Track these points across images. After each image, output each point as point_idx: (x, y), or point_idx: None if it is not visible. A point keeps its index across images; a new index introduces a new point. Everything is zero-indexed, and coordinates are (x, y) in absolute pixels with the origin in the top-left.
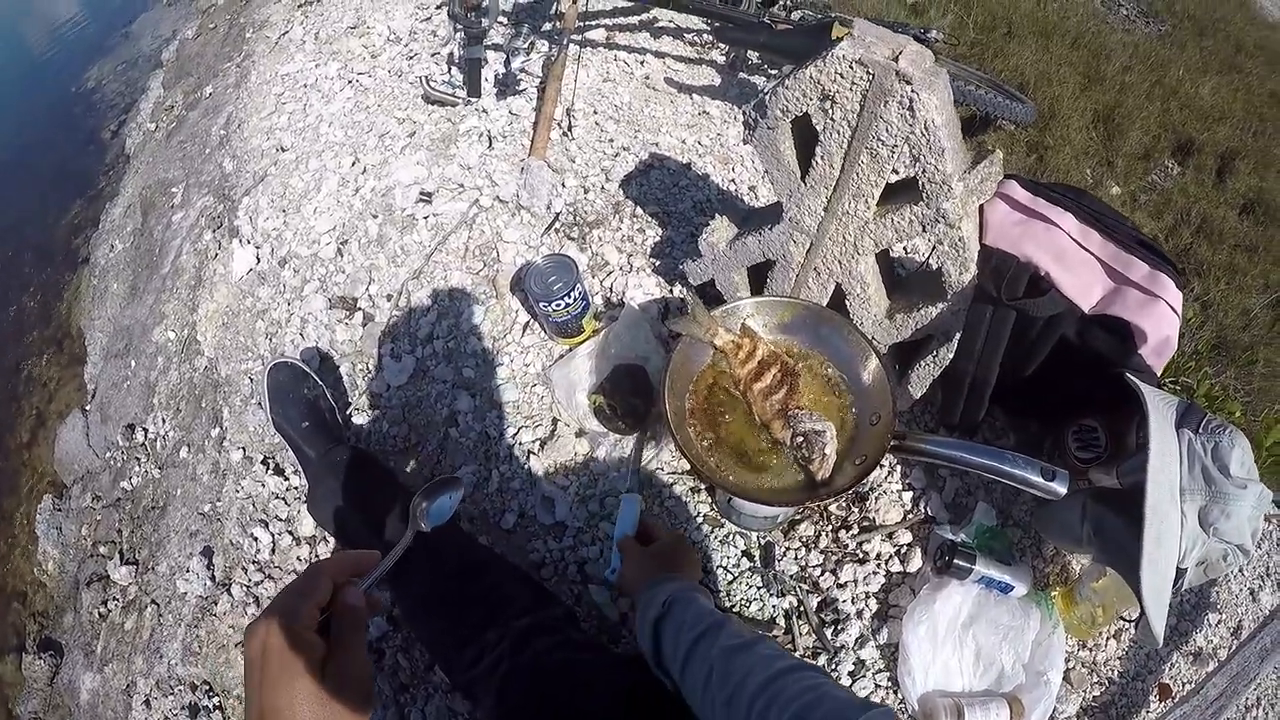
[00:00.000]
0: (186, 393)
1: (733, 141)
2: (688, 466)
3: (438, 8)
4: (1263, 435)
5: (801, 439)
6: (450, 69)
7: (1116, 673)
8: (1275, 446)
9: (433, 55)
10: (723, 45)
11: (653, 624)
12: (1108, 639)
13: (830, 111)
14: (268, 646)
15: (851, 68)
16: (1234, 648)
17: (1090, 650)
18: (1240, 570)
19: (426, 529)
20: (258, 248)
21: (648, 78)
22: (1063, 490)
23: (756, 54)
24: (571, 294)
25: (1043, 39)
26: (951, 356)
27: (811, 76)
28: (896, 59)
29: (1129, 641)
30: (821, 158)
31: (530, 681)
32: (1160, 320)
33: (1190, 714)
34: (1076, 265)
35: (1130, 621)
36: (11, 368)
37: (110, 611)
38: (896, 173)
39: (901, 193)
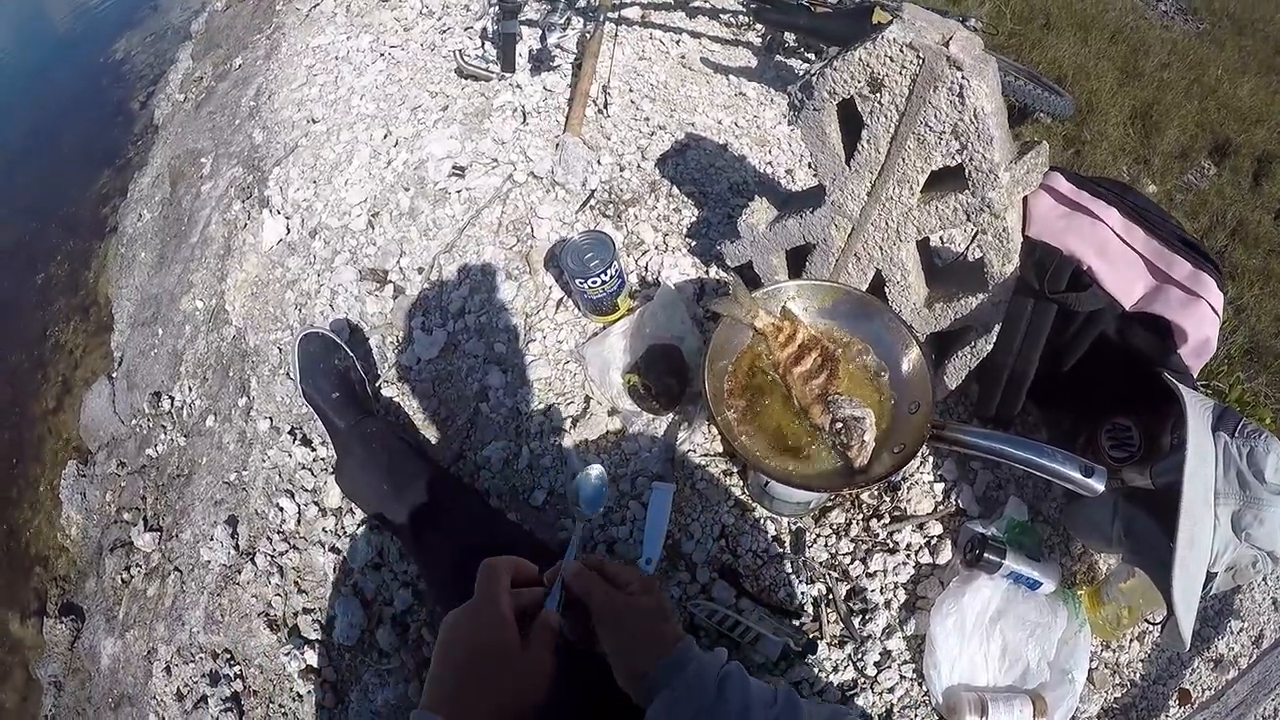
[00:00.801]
0: (214, 362)
1: (769, 123)
2: (720, 449)
3: None
4: None
5: (840, 425)
6: (484, 43)
7: (1139, 675)
8: None
9: (466, 29)
10: (759, 27)
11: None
12: (1131, 641)
13: (879, 95)
14: (476, 624)
15: (902, 51)
16: (1255, 656)
17: (1114, 651)
18: (1265, 579)
19: (587, 516)
20: (288, 218)
21: (683, 57)
22: (1100, 487)
23: (794, 36)
24: (608, 271)
25: (1081, 32)
26: (989, 348)
27: (861, 59)
28: (947, 44)
29: (1152, 644)
30: (868, 141)
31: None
32: (1201, 320)
33: None
34: (1119, 261)
35: (1155, 624)
36: (38, 335)
37: (133, 578)
38: (943, 159)
39: (946, 180)
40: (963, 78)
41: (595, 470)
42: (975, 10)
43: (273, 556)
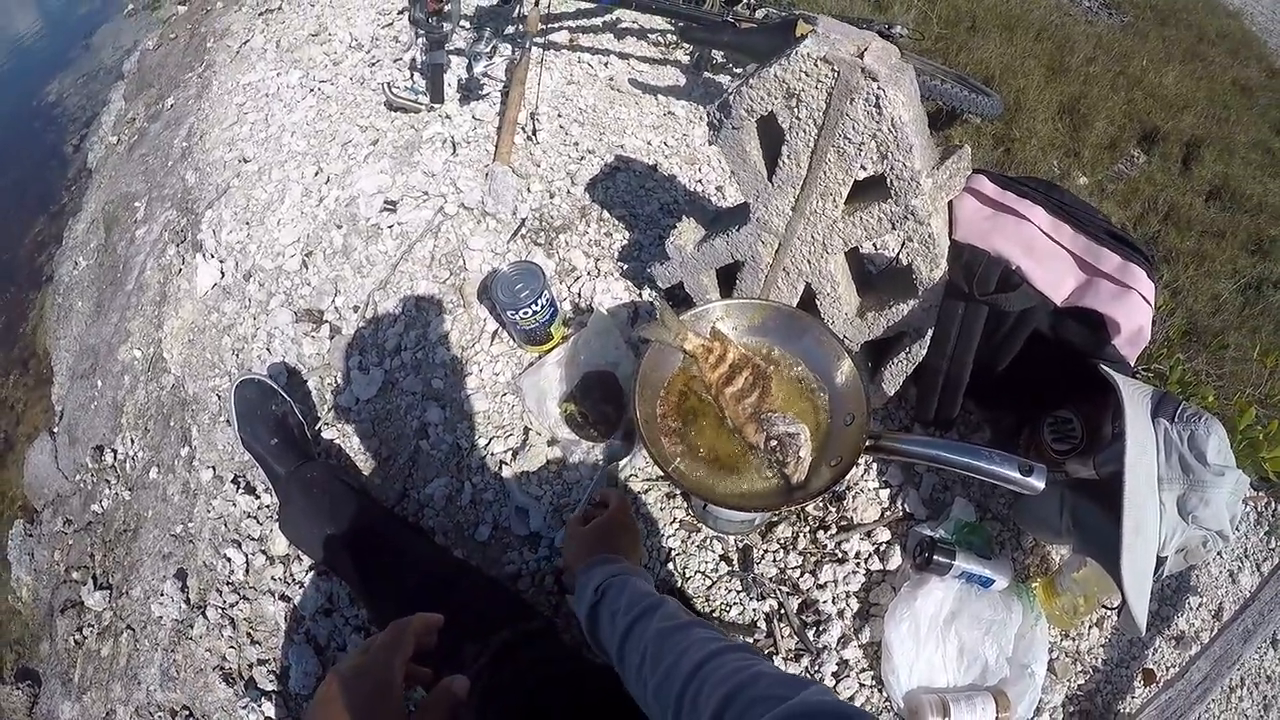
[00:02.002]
0: (154, 412)
1: (699, 141)
2: (661, 474)
3: (400, 13)
4: (1237, 419)
5: (775, 442)
6: (413, 75)
7: (1100, 660)
8: (1249, 430)
9: (395, 61)
10: (687, 45)
11: (589, 608)
12: (1090, 628)
13: (796, 110)
14: (353, 690)
15: (816, 65)
16: (1216, 630)
17: (1073, 640)
18: (1219, 554)
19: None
20: (221, 262)
21: (612, 79)
22: (1041, 485)
23: (721, 53)
24: (539, 301)
25: (1007, 32)
26: (924, 353)
27: (776, 75)
28: (862, 55)
29: (1111, 629)
30: (788, 157)
31: (511, 698)
32: (1133, 311)
33: (1175, 698)
34: (1047, 258)
35: (1112, 609)
36: None
37: (86, 638)
38: (864, 170)
39: (870, 190)
40: (879, 88)
41: None
42: (901, 16)
43: (223, 609)
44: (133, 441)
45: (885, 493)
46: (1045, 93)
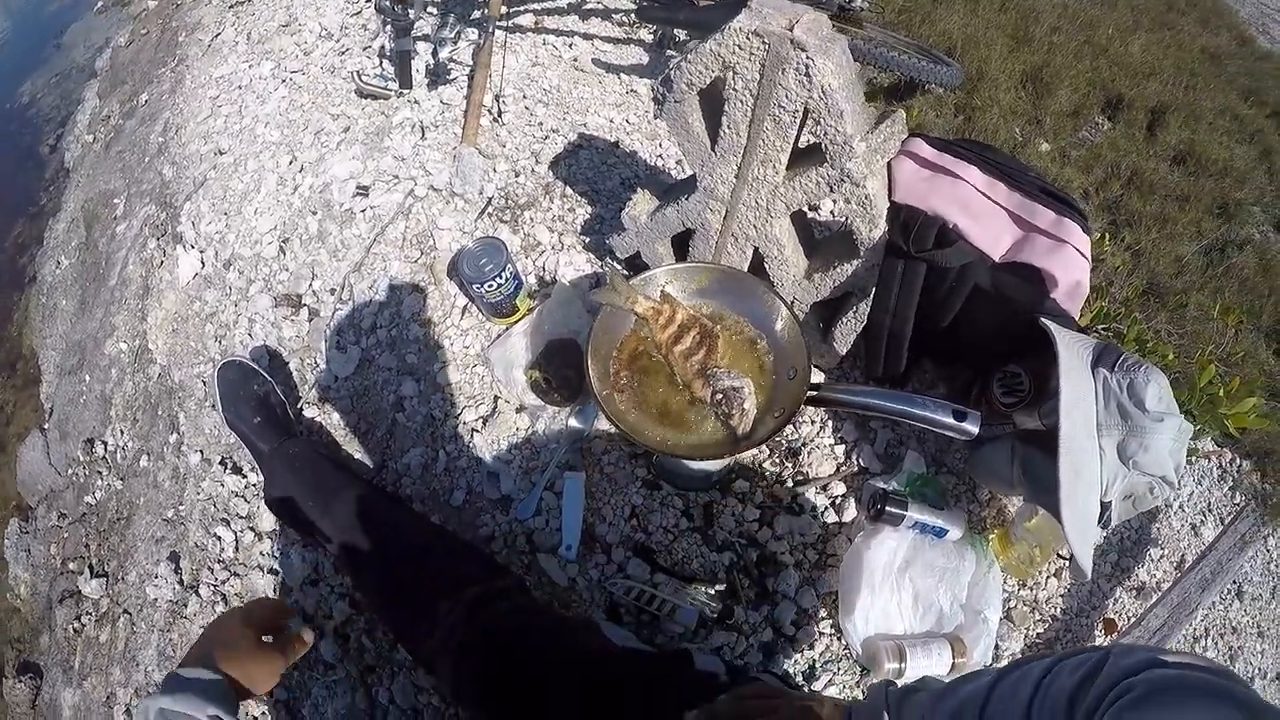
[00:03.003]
0: (142, 402)
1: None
2: (616, 430)
3: (367, 1)
4: (1198, 376)
5: (721, 395)
6: (381, 62)
7: (1059, 610)
8: (1209, 386)
9: (364, 49)
10: (648, 24)
11: None
12: (1048, 578)
13: (733, 82)
14: (232, 614)
15: (749, 39)
16: (1174, 580)
17: (1030, 589)
18: (1181, 506)
19: None
20: (202, 252)
21: (576, 60)
22: (974, 430)
23: (683, 31)
24: (503, 274)
25: (971, 3)
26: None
27: (711, 50)
28: (792, 28)
29: (1070, 580)
30: (728, 127)
31: (485, 647)
32: (1069, 264)
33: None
34: (983, 215)
35: (1067, 559)
36: None
37: (84, 626)
38: (803, 138)
39: (810, 156)
40: (807, 58)
41: None
42: None
43: (215, 586)
44: (122, 432)
45: (840, 448)
46: (1008, 62)
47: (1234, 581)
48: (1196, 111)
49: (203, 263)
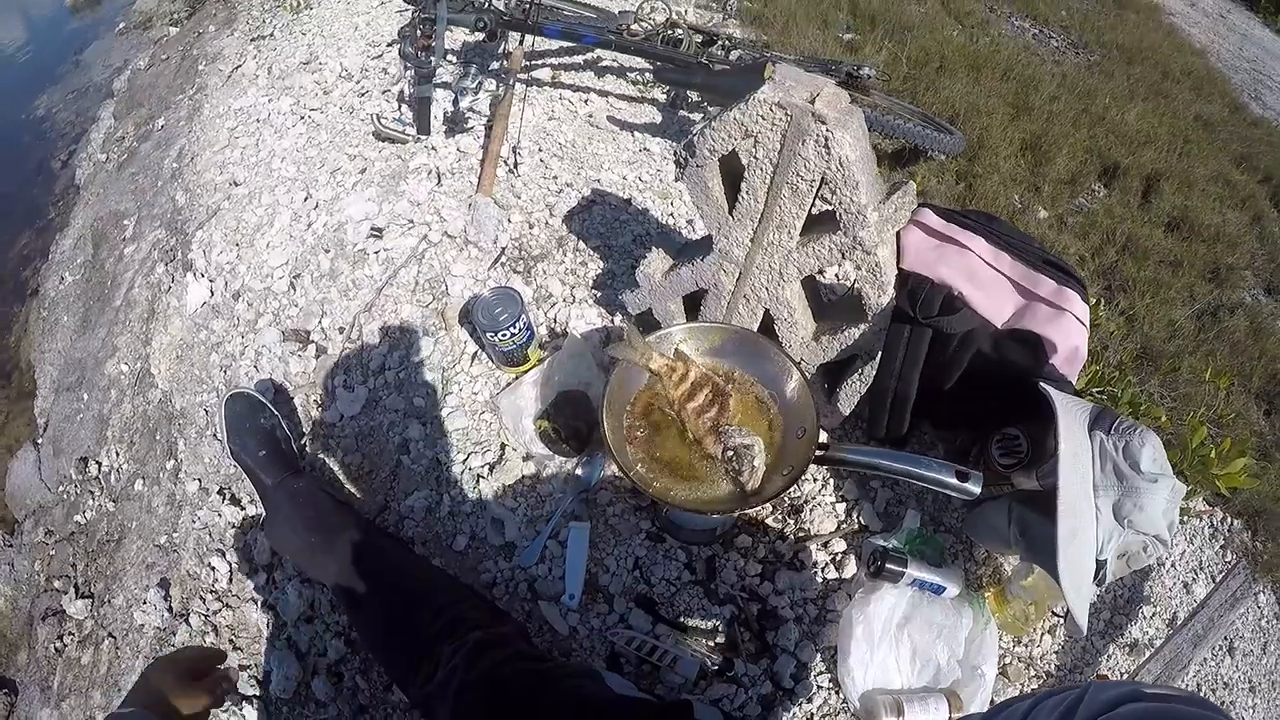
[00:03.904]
0: (141, 425)
1: (672, 177)
2: (629, 485)
3: (389, 45)
4: (1189, 438)
5: (732, 453)
6: (400, 107)
7: (1053, 666)
8: (1201, 447)
9: (384, 93)
10: (663, 85)
11: None
12: (1042, 635)
13: (754, 150)
14: (162, 659)
15: (772, 110)
16: (1167, 636)
17: (1025, 646)
18: (1173, 564)
19: None
20: (211, 281)
21: (591, 116)
22: (976, 490)
23: (696, 93)
24: (517, 324)
25: (974, 72)
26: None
27: (735, 118)
28: (813, 101)
29: (1064, 637)
30: (747, 193)
31: (484, 694)
32: (1069, 332)
33: None
34: (988, 284)
35: (1062, 617)
36: None
37: (66, 646)
38: (817, 205)
39: (823, 223)
40: (827, 130)
41: None
42: (871, 58)
43: (207, 616)
44: (118, 454)
45: (842, 506)
46: (1009, 130)
47: (1225, 637)
48: (1190, 178)
49: (212, 292)
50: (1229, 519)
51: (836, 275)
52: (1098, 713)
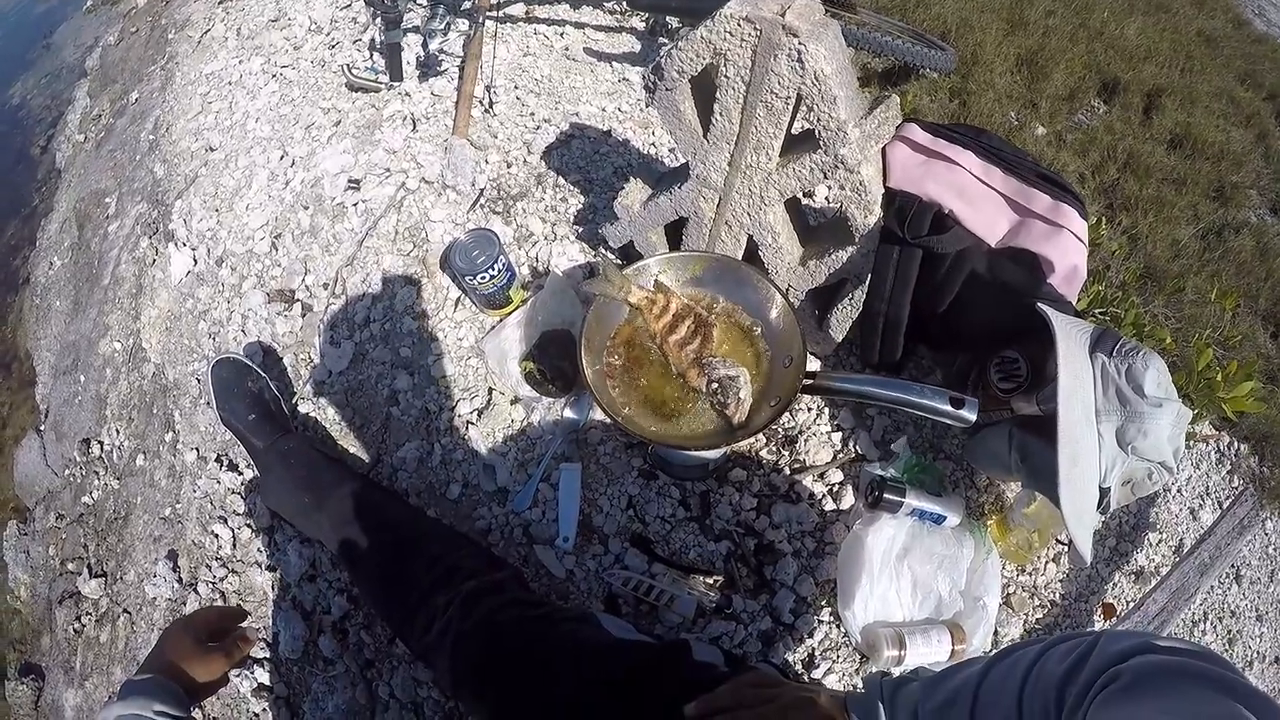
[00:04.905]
0: (137, 401)
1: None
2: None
3: None
4: (1195, 360)
5: (716, 385)
6: (371, 55)
7: (1058, 595)
8: (1207, 370)
9: (354, 42)
10: (639, 11)
11: None
12: (1046, 563)
13: (725, 69)
14: (176, 622)
15: (740, 25)
16: (1173, 564)
17: (1030, 575)
18: (1179, 490)
19: None
20: (194, 249)
21: (567, 49)
22: (972, 417)
23: (675, 18)
24: (495, 266)
25: None
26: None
27: (703, 36)
28: (784, 14)
29: (1068, 565)
30: (720, 114)
31: (481, 643)
32: (1066, 249)
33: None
34: (980, 201)
35: (1066, 545)
36: None
37: (85, 626)
38: (798, 125)
39: (803, 143)
40: (800, 44)
41: None
42: None
43: (214, 583)
44: (118, 431)
45: (838, 436)
46: (1003, 46)
47: (1232, 565)
48: (1193, 95)
49: (195, 260)
50: (1236, 444)
51: (827, 199)
52: (1109, 664)
